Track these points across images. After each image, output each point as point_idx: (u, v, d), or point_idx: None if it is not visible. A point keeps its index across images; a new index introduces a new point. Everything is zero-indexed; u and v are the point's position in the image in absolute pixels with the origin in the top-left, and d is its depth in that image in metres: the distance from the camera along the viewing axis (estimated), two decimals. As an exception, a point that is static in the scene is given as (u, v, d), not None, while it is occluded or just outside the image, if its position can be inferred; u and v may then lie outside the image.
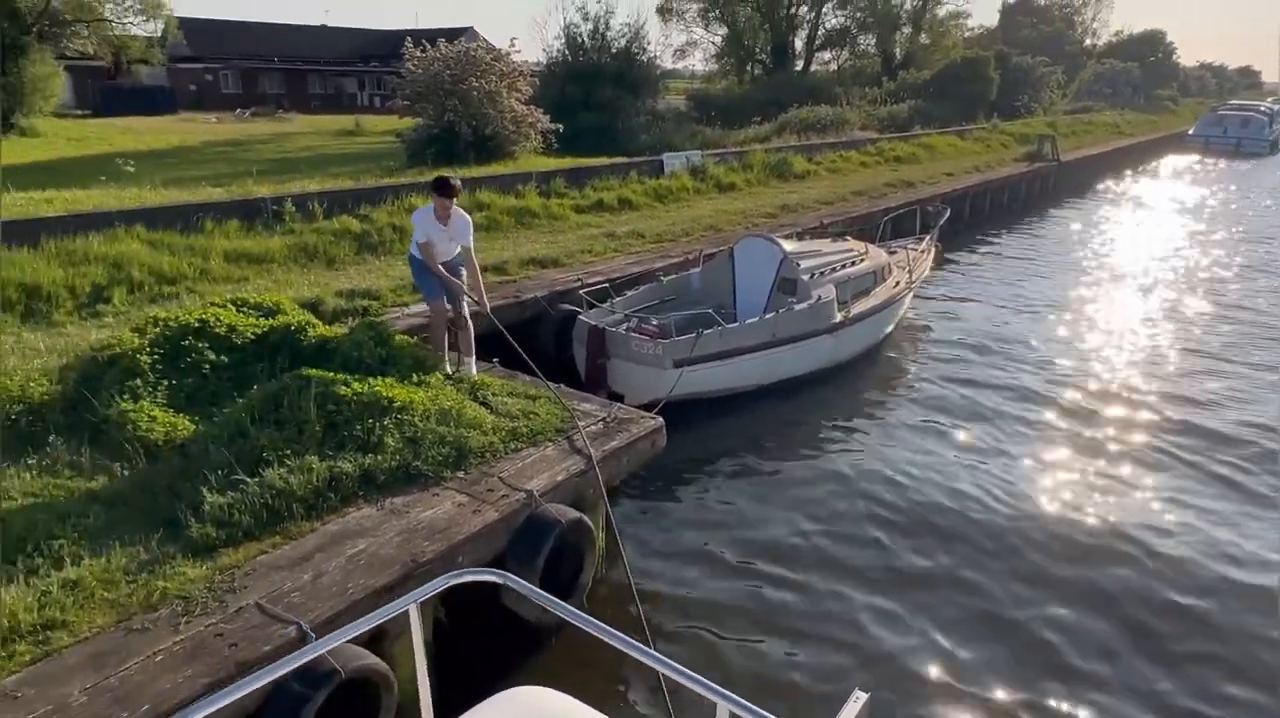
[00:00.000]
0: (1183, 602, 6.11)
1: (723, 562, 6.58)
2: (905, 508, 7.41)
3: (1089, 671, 5.40)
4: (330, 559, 4.47)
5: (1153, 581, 6.35)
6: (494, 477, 5.42)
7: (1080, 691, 5.24)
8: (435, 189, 6.76)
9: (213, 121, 40.00)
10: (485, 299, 7.27)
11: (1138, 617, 5.93)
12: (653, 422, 6.42)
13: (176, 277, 9.47)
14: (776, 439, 8.80)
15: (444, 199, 6.70)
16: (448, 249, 6.97)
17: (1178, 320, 13.49)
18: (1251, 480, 7.96)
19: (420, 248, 6.88)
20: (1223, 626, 5.86)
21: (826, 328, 9.93)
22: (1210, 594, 6.19)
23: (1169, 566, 6.55)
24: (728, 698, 2.08)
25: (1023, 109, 44.27)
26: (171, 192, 12.87)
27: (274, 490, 4.83)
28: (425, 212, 6.91)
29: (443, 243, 6.88)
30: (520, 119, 19.75)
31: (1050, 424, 9.23)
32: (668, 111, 34.44)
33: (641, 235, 13.19)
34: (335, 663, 3.85)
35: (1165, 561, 6.61)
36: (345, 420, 5.48)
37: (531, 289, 9.98)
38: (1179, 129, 51.73)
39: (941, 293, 14.84)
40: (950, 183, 22.05)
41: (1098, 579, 6.33)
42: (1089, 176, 32.50)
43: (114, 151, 26.49)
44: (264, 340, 6.60)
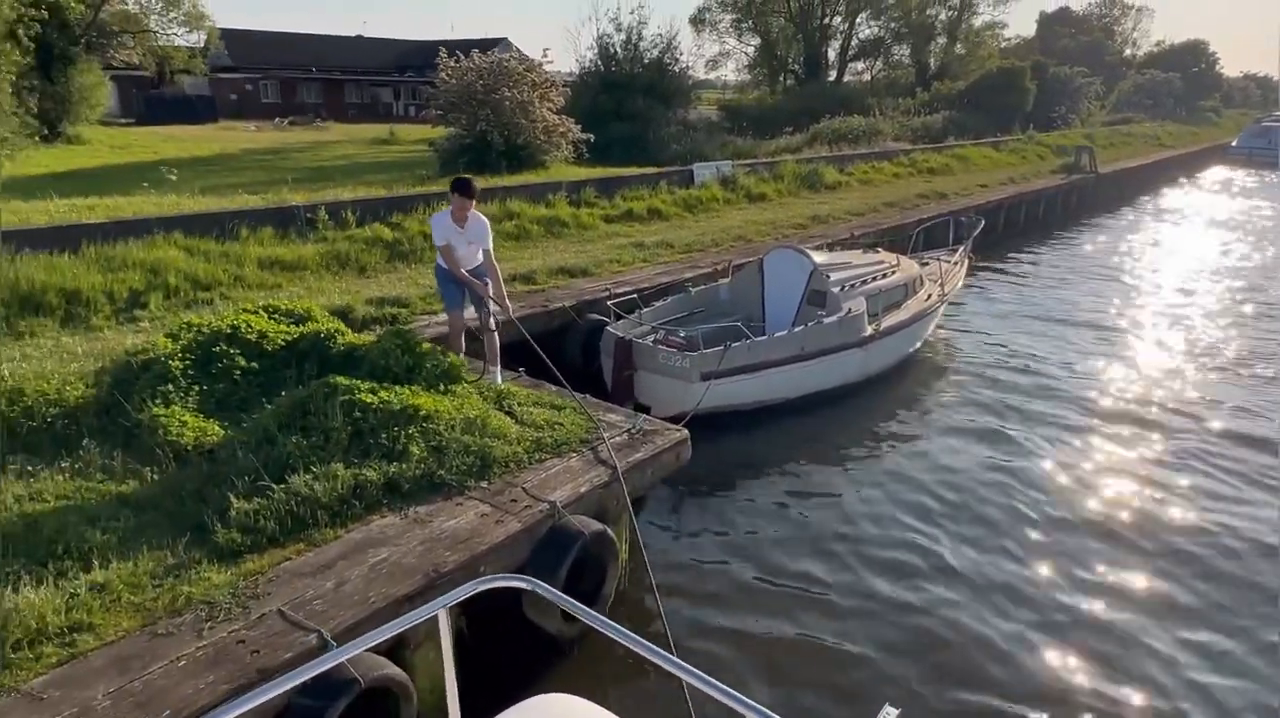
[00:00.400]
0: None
1: (748, 577, 6.51)
2: (934, 527, 7.29)
3: (1131, 691, 5.26)
4: (353, 567, 4.49)
5: (1215, 599, 6.19)
6: (518, 487, 5.41)
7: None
8: (456, 189, 6.81)
9: (252, 130, 40.74)
10: (508, 303, 7.29)
11: (1191, 639, 5.77)
12: (678, 434, 6.38)
13: (211, 283, 9.61)
14: (804, 454, 8.71)
15: (464, 199, 6.75)
16: (467, 253, 7.00)
17: (1217, 338, 13.17)
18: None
19: (440, 252, 6.93)
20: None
21: (856, 341, 9.83)
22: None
23: (1222, 587, 6.38)
24: (760, 713, 2.03)
25: (1060, 120, 43.72)
26: (209, 199, 13.09)
27: (299, 497, 4.86)
28: (442, 216, 7.00)
29: (461, 246, 6.93)
30: (552, 129, 19.87)
31: (1086, 444, 9.04)
32: (699, 122, 34.47)
33: (670, 245, 13.18)
34: (355, 672, 3.85)
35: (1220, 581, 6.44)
36: (371, 428, 5.50)
37: (560, 299, 10.00)
38: (1222, 141, 50.88)
39: (974, 306, 14.66)
40: (984, 194, 21.82)
41: (1141, 624, 6.11)
42: (1128, 189, 31.97)
43: (157, 159, 27.12)
44: (293, 347, 6.67)
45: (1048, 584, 6.44)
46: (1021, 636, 5.82)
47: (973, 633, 5.85)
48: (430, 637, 4.48)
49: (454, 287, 7.15)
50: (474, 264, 7.12)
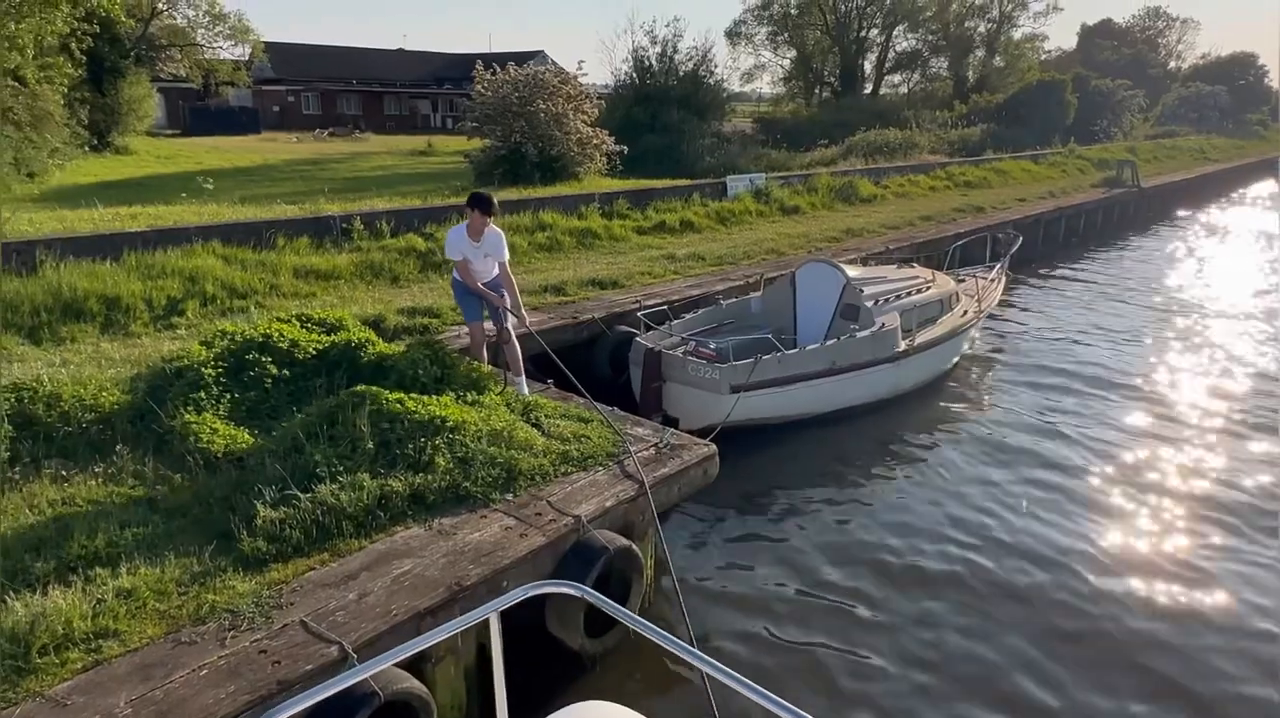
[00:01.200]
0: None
1: (777, 594, 6.41)
2: (965, 549, 7.11)
3: None
4: (376, 579, 4.47)
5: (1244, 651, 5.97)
6: (543, 500, 5.37)
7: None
8: (475, 206, 6.84)
9: (293, 141, 41.50)
10: (525, 314, 7.29)
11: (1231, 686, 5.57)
12: (705, 449, 6.31)
13: (247, 291, 9.74)
14: (834, 470, 8.58)
15: (484, 216, 6.79)
16: (483, 266, 7.04)
17: (1264, 360, 12.78)
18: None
19: (456, 266, 6.96)
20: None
21: (889, 357, 9.69)
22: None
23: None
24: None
25: (1101, 134, 43.04)
26: (248, 208, 13.31)
27: (325, 507, 4.87)
28: (458, 230, 7.05)
29: (477, 260, 6.97)
30: (585, 141, 19.96)
31: (1124, 464, 8.79)
32: (733, 134, 34.49)
33: (702, 258, 13.13)
34: (375, 686, 3.83)
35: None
36: (398, 439, 5.50)
37: (590, 310, 9.99)
38: (1270, 155, 49.67)
39: (1011, 323, 14.39)
40: (1022, 209, 21.50)
41: (1173, 665, 5.92)
42: (1172, 204, 31.32)
43: (200, 169, 27.72)
44: (324, 356, 6.72)
45: (1082, 613, 6.26)
46: (1054, 659, 5.66)
47: (1006, 655, 5.71)
48: (451, 652, 4.46)
49: (471, 299, 7.19)
50: (490, 277, 7.14)
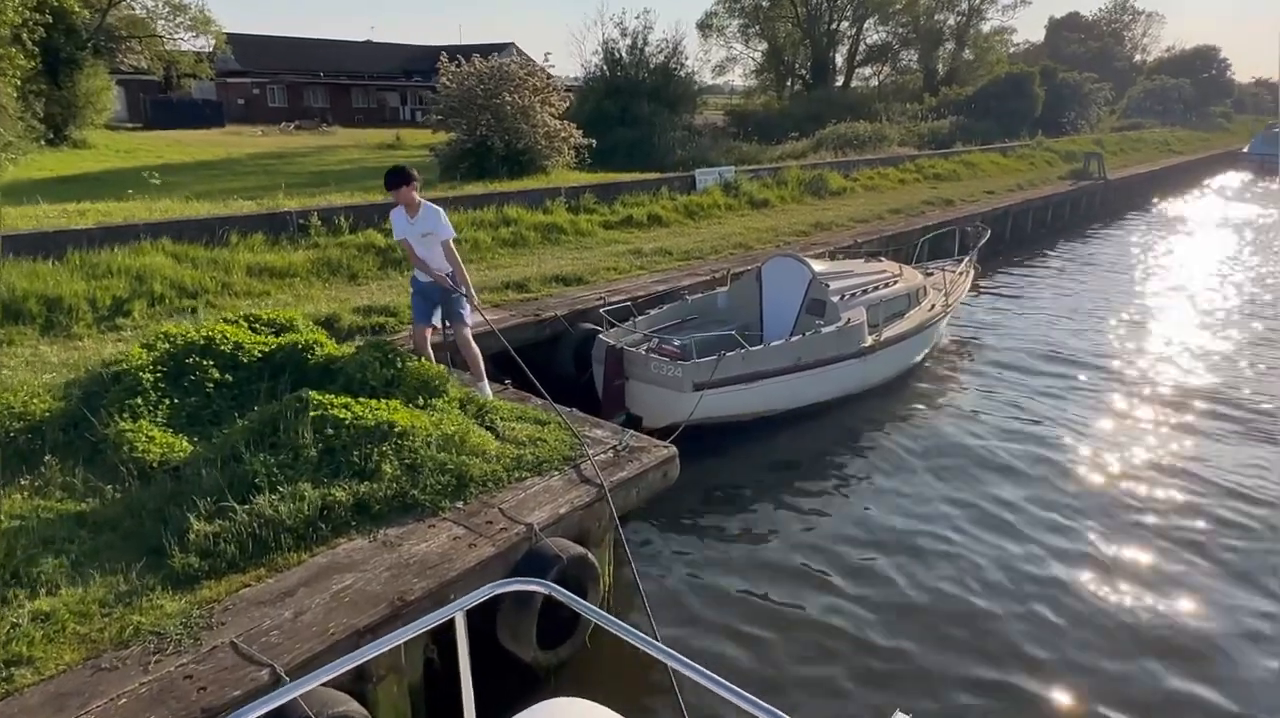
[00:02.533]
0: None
1: (741, 594, 6.30)
2: (932, 544, 7.03)
3: None
4: (314, 595, 4.27)
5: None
6: (494, 508, 5.19)
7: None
8: (387, 184, 6.58)
9: (259, 135, 40.78)
10: (474, 293, 6.98)
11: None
12: (665, 451, 6.15)
13: (197, 290, 9.44)
14: (800, 468, 8.47)
15: (398, 189, 6.51)
16: (424, 246, 6.66)
17: (1229, 352, 12.85)
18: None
19: (400, 246, 6.69)
20: None
21: (855, 352, 9.58)
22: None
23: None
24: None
25: (1069, 126, 43.41)
26: (201, 204, 12.92)
27: (262, 519, 4.65)
28: (398, 210, 6.76)
29: (416, 240, 6.65)
30: (553, 134, 19.70)
31: (1092, 459, 8.75)
32: (705, 127, 34.32)
33: (669, 253, 12.96)
34: (308, 710, 3.63)
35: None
36: (343, 446, 5.29)
37: (553, 307, 9.79)
38: (1233, 147, 50.35)
39: (979, 317, 14.38)
40: (991, 201, 21.55)
41: (1139, 673, 5.87)
42: (1137, 196, 31.61)
43: (162, 163, 27.10)
44: (270, 359, 6.47)
45: (1054, 602, 6.19)
46: (1023, 653, 5.58)
47: (974, 644, 5.70)
48: (394, 670, 4.27)
49: (422, 301, 6.92)
50: (435, 257, 6.74)
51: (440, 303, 7.00)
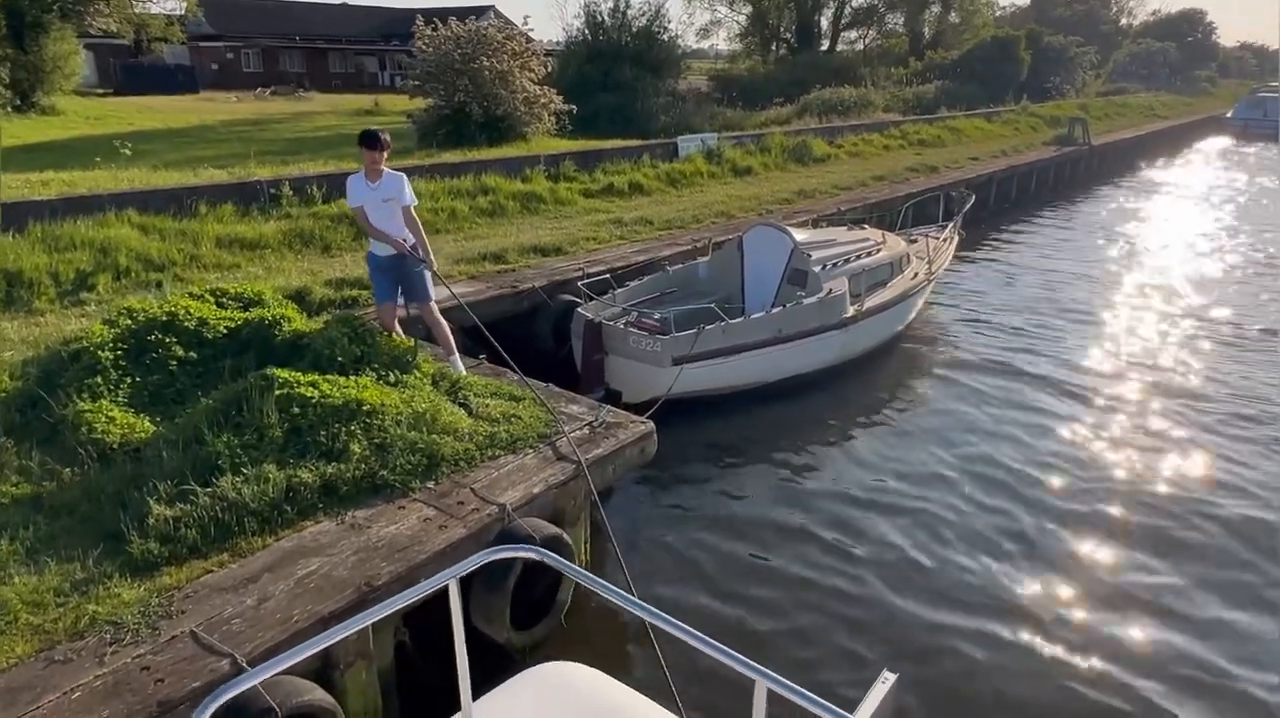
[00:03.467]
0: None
1: (722, 567, 6.28)
2: (918, 510, 7.04)
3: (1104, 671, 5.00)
4: (278, 581, 4.15)
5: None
6: (466, 488, 5.07)
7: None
8: (361, 143, 6.28)
9: (233, 101, 39.91)
10: (433, 259, 6.69)
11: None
12: (642, 426, 6.04)
13: (165, 263, 9.19)
14: (781, 440, 8.40)
15: (370, 152, 6.21)
16: (383, 211, 6.38)
17: (1211, 315, 12.85)
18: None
19: (355, 215, 6.48)
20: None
21: (837, 323, 9.48)
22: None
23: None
24: (766, 676, 2.04)
25: (1054, 91, 43.15)
26: (169, 173, 12.59)
27: (225, 502, 4.51)
28: (356, 177, 6.45)
29: (376, 207, 6.36)
30: (533, 100, 19.33)
31: (1075, 426, 8.74)
32: (688, 92, 33.84)
33: (650, 222, 12.76)
34: (271, 700, 3.54)
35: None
36: (309, 425, 5.15)
37: (530, 279, 9.61)
38: (1217, 112, 50.31)
39: (963, 284, 14.30)
40: (975, 167, 21.39)
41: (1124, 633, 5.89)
42: (1121, 161, 31.53)
43: (133, 130, 26.46)
44: (235, 336, 6.29)
45: (1036, 568, 6.22)
46: (1008, 619, 5.59)
47: (960, 613, 5.73)
48: (362, 656, 4.17)
49: (383, 278, 6.65)
50: (395, 227, 6.46)
51: (400, 279, 6.69)
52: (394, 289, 6.70)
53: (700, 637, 2.20)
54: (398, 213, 6.40)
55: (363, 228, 6.63)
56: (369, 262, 6.81)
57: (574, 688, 2.89)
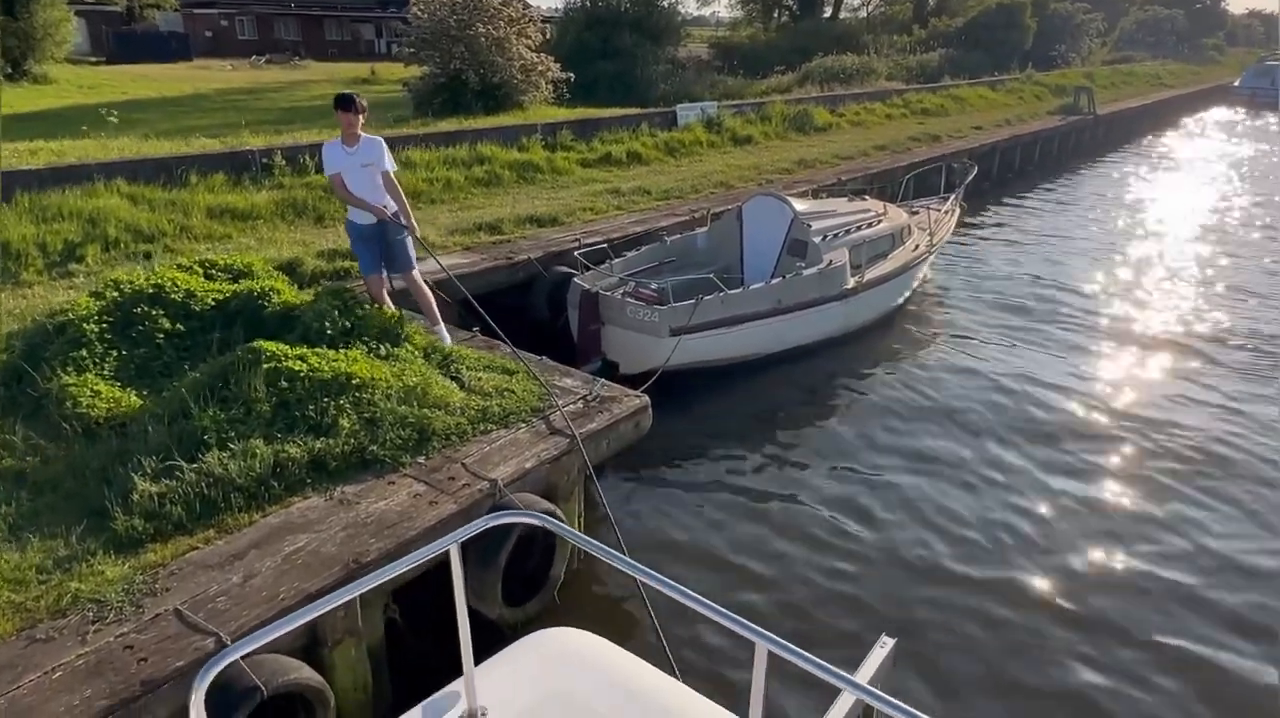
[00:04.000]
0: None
1: (723, 533, 6.26)
2: (917, 485, 6.97)
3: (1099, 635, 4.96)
4: (265, 558, 4.08)
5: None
6: (457, 463, 4.99)
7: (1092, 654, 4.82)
8: (337, 105, 6.12)
9: (228, 69, 39.43)
10: (414, 223, 6.52)
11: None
12: (637, 400, 5.95)
13: (155, 234, 9.05)
14: (779, 413, 8.32)
15: (346, 115, 6.04)
16: (362, 176, 6.23)
17: (1215, 290, 12.72)
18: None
19: (331, 183, 6.33)
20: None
21: (837, 294, 9.36)
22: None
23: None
24: (766, 637, 2.04)
25: (1059, 59, 42.57)
26: (161, 143, 12.40)
27: (211, 478, 4.44)
28: (332, 143, 6.29)
29: (354, 171, 6.20)
30: (530, 67, 19.05)
31: (1079, 400, 8.65)
32: (688, 60, 33.41)
33: (648, 192, 12.58)
34: (256, 679, 3.48)
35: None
36: (298, 399, 5.06)
37: (526, 250, 9.47)
38: (1224, 81, 49.65)
39: (965, 256, 14.14)
40: (979, 137, 21.12)
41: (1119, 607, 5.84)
42: (1127, 131, 31.17)
43: (126, 99, 26.14)
44: (224, 308, 6.18)
45: (1039, 545, 6.16)
46: (1010, 585, 5.55)
47: (960, 582, 5.76)
48: (351, 633, 4.12)
49: (366, 248, 6.50)
50: (375, 193, 6.32)
51: (382, 247, 6.53)
52: (379, 259, 6.57)
53: (703, 601, 2.17)
54: (377, 179, 6.26)
55: (340, 197, 6.47)
56: (349, 231, 6.65)
57: (575, 653, 2.90)
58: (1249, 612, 5.49)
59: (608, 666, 2.86)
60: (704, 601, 2.17)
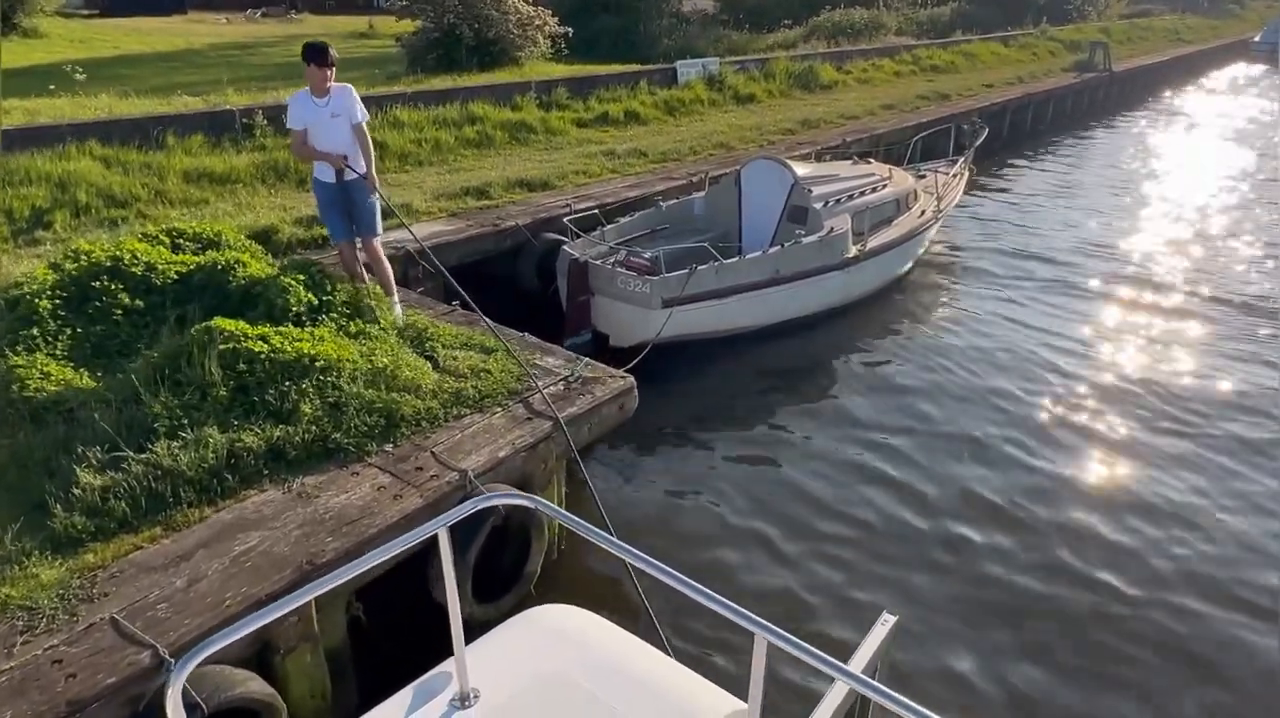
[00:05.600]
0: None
1: (718, 520, 6.06)
2: (918, 462, 6.76)
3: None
4: (213, 559, 3.82)
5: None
6: (426, 452, 4.70)
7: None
8: (308, 58, 5.73)
9: (222, 22, 38.55)
10: (377, 181, 6.18)
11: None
12: (621, 382, 5.64)
13: (128, 199, 8.71)
14: (777, 387, 8.04)
15: (318, 69, 5.68)
16: (332, 130, 5.87)
17: (1231, 258, 12.29)
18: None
19: (291, 139, 5.98)
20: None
21: (838, 263, 8.99)
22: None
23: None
24: (768, 629, 2.01)
25: (1075, 13, 41.28)
26: (140, 101, 11.96)
27: (159, 470, 4.16)
28: (299, 95, 5.91)
29: (323, 122, 5.84)
30: (526, 21, 18.39)
31: (1089, 372, 8.35)
32: (694, 14, 32.47)
33: (644, 154, 12.14)
34: (196, 696, 3.23)
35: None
36: (258, 383, 4.76)
37: (514, 216, 9.10)
38: (1245, 36, 48.26)
39: (973, 222, 13.68)
40: (989, 95, 20.48)
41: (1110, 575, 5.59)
42: (1143, 89, 30.30)
43: (118, 54, 25.53)
44: (187, 282, 5.85)
45: (1038, 522, 5.96)
46: (1013, 560, 5.38)
47: (961, 557, 5.66)
48: (307, 638, 3.86)
49: (335, 213, 6.16)
50: (342, 143, 5.95)
51: (348, 208, 6.17)
52: (349, 222, 6.22)
53: (701, 589, 2.12)
54: (347, 131, 5.90)
55: (298, 155, 6.17)
56: (315, 192, 6.25)
57: (568, 631, 2.87)
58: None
59: (601, 643, 2.83)
60: (704, 589, 2.12)
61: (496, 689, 2.57)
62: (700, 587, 2.12)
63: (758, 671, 2.12)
